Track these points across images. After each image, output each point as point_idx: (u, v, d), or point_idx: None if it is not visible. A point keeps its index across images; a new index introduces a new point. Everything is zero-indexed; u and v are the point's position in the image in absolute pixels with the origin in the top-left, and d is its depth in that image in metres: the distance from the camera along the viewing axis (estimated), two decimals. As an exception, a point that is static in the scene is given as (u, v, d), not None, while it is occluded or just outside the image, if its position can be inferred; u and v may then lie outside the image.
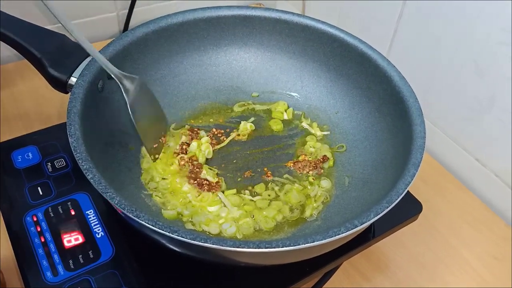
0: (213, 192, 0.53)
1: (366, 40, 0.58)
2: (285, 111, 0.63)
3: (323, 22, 0.60)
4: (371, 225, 0.52)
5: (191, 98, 0.62)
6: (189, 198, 0.52)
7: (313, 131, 0.61)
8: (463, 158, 0.70)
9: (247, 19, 0.61)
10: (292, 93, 0.64)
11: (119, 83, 0.50)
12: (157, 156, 0.55)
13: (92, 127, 0.48)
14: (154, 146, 0.55)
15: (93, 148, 0.46)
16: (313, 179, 0.56)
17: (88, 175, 0.41)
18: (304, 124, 0.62)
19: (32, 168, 0.55)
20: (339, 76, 0.61)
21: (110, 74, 0.50)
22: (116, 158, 0.52)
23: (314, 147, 0.59)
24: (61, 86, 0.50)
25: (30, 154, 0.56)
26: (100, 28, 0.85)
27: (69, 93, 0.48)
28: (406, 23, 0.71)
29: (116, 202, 0.39)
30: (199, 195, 0.52)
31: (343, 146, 0.59)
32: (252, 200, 0.53)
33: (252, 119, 0.62)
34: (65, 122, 0.45)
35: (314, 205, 0.53)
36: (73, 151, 0.43)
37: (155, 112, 0.57)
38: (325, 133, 0.61)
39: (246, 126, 0.61)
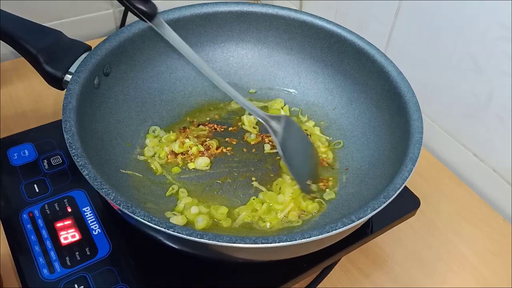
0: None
1: (364, 36, 0.58)
2: (282, 108, 0.63)
3: (320, 18, 0.59)
4: (369, 220, 0.52)
5: (188, 94, 0.62)
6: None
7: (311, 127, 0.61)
8: (461, 153, 0.70)
9: (244, 15, 0.61)
10: (289, 89, 0.64)
11: (267, 126, 0.50)
12: (314, 195, 0.52)
13: (88, 123, 0.48)
14: (309, 183, 0.53)
15: (89, 145, 0.46)
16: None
17: (84, 171, 0.41)
18: (303, 120, 0.62)
19: (28, 166, 0.55)
20: (337, 72, 0.61)
21: (258, 118, 0.50)
22: (113, 154, 0.52)
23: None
24: (57, 82, 0.50)
25: (26, 152, 0.56)
26: (96, 26, 0.85)
27: (65, 89, 0.48)
28: (404, 19, 0.71)
29: (112, 198, 0.39)
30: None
31: (340, 143, 0.59)
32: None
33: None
34: (61, 119, 0.45)
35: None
36: (68, 147, 0.42)
37: (305, 148, 0.55)
38: (322, 136, 0.60)
39: (250, 118, 0.61)
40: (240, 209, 0.51)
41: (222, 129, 0.60)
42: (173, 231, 0.37)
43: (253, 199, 0.52)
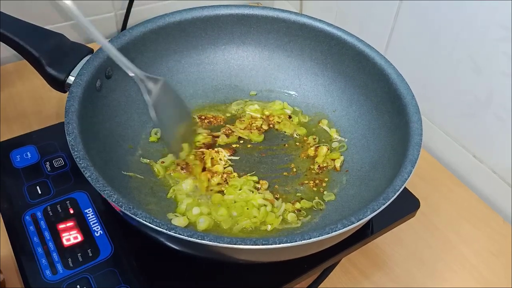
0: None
1: (364, 38, 0.58)
2: (283, 109, 0.63)
3: (320, 21, 0.60)
4: (369, 221, 0.52)
5: (189, 97, 0.62)
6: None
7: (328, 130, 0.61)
8: (460, 155, 0.70)
9: (245, 17, 0.61)
10: (290, 92, 0.64)
11: (140, 84, 0.48)
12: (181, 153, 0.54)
13: (90, 126, 0.49)
14: (180, 146, 0.54)
15: (91, 147, 0.46)
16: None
17: (86, 173, 0.41)
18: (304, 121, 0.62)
19: (31, 168, 0.55)
20: (337, 74, 0.62)
21: (131, 74, 0.48)
22: (114, 156, 0.52)
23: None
24: (59, 85, 0.51)
25: (28, 154, 0.56)
26: (98, 28, 0.85)
27: (67, 92, 0.49)
28: (403, 21, 0.71)
29: (114, 200, 0.40)
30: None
31: (344, 146, 0.59)
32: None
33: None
34: (64, 122, 0.45)
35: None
36: (71, 150, 0.43)
37: (179, 113, 0.55)
38: (339, 138, 0.60)
39: (256, 107, 0.62)
40: (239, 219, 0.51)
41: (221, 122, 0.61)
42: (175, 233, 0.38)
43: (247, 209, 0.52)
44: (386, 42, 0.75)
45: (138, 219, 0.38)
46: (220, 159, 0.56)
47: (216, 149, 0.57)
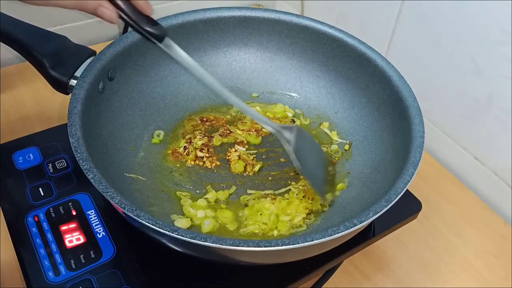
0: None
1: (365, 40, 0.58)
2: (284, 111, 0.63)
3: (322, 23, 0.60)
4: (371, 223, 0.52)
5: (191, 98, 0.63)
6: None
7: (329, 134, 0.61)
8: (462, 157, 0.70)
9: (247, 20, 0.62)
10: (291, 94, 0.64)
11: (280, 136, 0.50)
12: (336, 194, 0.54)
13: (92, 127, 0.49)
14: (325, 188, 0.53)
15: (94, 149, 0.46)
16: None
17: (89, 175, 0.41)
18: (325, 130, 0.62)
19: (33, 169, 0.55)
20: (339, 77, 0.62)
21: (271, 129, 0.50)
22: (117, 158, 0.52)
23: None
24: (62, 87, 0.51)
25: (31, 155, 0.56)
26: (100, 31, 0.86)
27: (70, 94, 0.49)
28: (405, 23, 0.71)
29: (116, 202, 0.40)
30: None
31: (346, 148, 0.59)
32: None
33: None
34: (66, 123, 0.45)
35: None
36: (73, 151, 0.43)
37: (319, 157, 0.55)
38: (340, 140, 0.60)
39: (257, 108, 0.62)
40: (248, 222, 0.51)
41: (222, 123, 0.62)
42: (178, 235, 0.38)
43: (261, 215, 0.52)
44: (387, 44, 0.76)
45: (141, 220, 0.39)
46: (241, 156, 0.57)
47: (235, 147, 0.58)
